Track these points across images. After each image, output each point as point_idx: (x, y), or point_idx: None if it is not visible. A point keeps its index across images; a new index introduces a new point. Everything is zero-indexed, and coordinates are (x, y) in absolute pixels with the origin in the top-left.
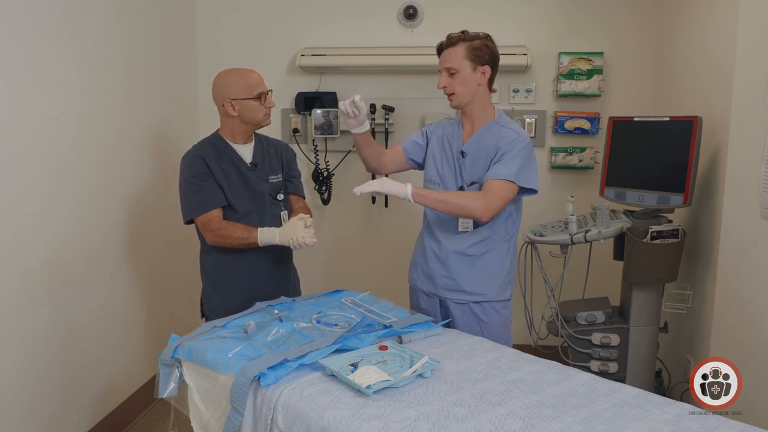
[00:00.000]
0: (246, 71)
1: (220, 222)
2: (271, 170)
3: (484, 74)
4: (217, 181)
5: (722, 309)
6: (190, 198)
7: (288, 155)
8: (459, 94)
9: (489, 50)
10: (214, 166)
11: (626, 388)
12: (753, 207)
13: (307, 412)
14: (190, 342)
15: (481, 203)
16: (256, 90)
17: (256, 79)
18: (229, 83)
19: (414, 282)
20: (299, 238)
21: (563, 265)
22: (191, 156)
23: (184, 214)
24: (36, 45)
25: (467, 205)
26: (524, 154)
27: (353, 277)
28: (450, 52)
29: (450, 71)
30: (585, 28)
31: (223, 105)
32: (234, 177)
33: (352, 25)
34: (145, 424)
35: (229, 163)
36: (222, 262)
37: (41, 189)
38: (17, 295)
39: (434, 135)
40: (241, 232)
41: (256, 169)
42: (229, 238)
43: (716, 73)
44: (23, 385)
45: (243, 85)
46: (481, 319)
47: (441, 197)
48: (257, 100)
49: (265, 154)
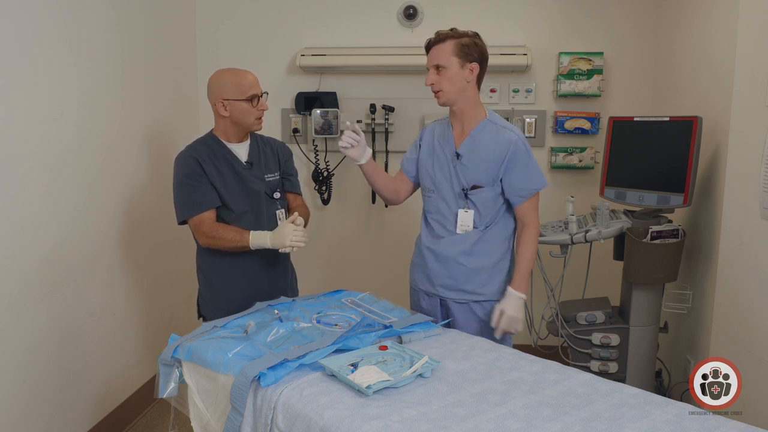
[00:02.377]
0: (241, 72)
1: (212, 224)
2: (267, 169)
3: (472, 71)
4: (211, 181)
5: (722, 309)
6: (183, 199)
7: (284, 153)
8: (446, 91)
9: (477, 48)
10: (207, 166)
11: (626, 388)
12: (753, 207)
13: (307, 412)
14: (190, 342)
15: (536, 229)
16: (249, 92)
17: (251, 81)
18: (223, 83)
19: (414, 282)
20: (287, 242)
21: (563, 265)
22: (184, 156)
23: (177, 215)
24: (36, 46)
25: (535, 245)
26: (529, 156)
27: (353, 277)
28: (438, 49)
29: (438, 68)
30: (585, 28)
31: (215, 104)
32: (229, 176)
33: (352, 25)
34: (145, 424)
35: (224, 162)
36: (218, 263)
37: (41, 189)
38: (17, 294)
39: (425, 140)
40: (233, 234)
41: (252, 168)
42: (221, 240)
43: (716, 73)
44: (23, 385)
45: (236, 86)
46: (481, 319)
47: (529, 265)
48: (249, 102)
49: (260, 152)
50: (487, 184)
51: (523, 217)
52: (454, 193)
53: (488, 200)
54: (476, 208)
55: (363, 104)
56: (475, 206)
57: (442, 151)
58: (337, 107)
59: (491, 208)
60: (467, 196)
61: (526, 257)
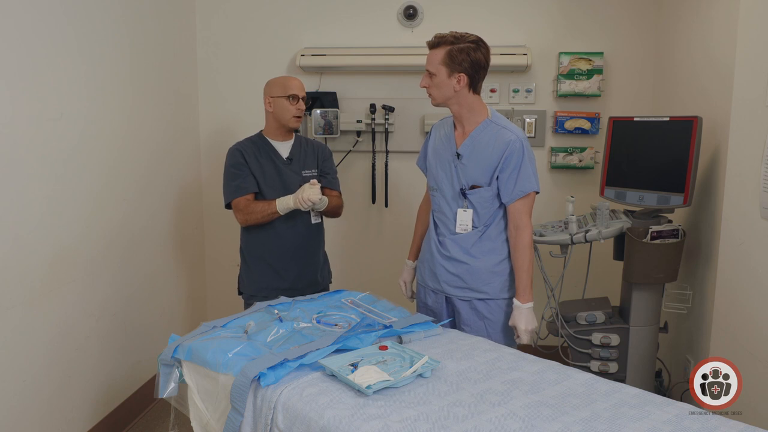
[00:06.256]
0: (289, 77)
1: (247, 202)
2: (306, 165)
3: (459, 81)
4: (252, 171)
5: (722, 309)
6: (228, 184)
7: (323, 153)
8: (435, 96)
9: (469, 58)
10: (250, 158)
11: (626, 388)
12: (753, 207)
13: (307, 412)
14: (190, 342)
15: (528, 234)
16: (290, 91)
17: (294, 84)
18: (272, 83)
19: (422, 278)
20: (304, 195)
21: (563, 265)
22: (232, 149)
23: (224, 198)
24: (38, 46)
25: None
26: (527, 158)
27: (353, 277)
28: (431, 54)
29: (429, 72)
30: (585, 28)
31: (265, 102)
32: (269, 169)
33: (352, 25)
34: (145, 424)
35: (266, 157)
36: (251, 242)
37: (43, 190)
38: (18, 294)
39: (432, 140)
40: (263, 205)
41: (291, 164)
42: (254, 213)
43: (716, 73)
44: (23, 385)
45: (281, 86)
46: (485, 316)
47: (528, 274)
48: (288, 99)
49: (302, 151)
50: (485, 184)
51: (515, 219)
52: (454, 192)
53: (486, 200)
54: (474, 208)
55: (363, 104)
56: (473, 206)
57: (444, 151)
58: (337, 107)
59: (489, 208)
60: (466, 196)
61: (523, 268)
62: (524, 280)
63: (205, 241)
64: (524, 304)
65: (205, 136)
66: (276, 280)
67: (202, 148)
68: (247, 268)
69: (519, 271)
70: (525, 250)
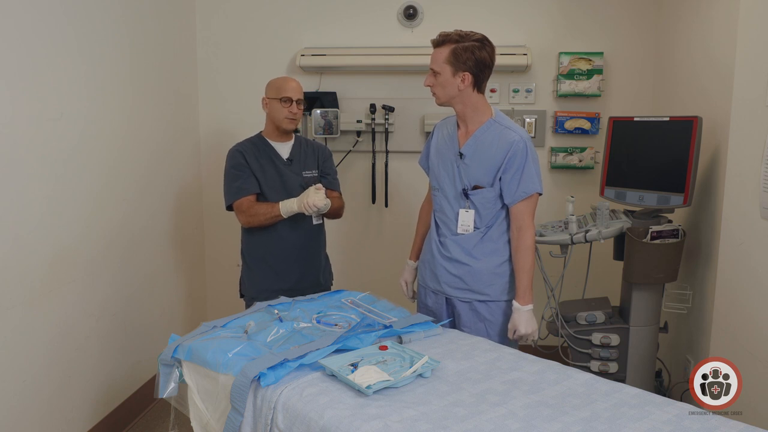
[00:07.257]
0: (287, 79)
1: (250, 204)
2: (306, 166)
3: (464, 80)
4: (253, 172)
5: (722, 309)
6: (229, 186)
7: (324, 154)
8: (439, 95)
9: (473, 57)
10: (251, 159)
11: (626, 388)
12: (753, 207)
13: (307, 412)
14: (190, 342)
15: (530, 236)
16: (282, 93)
17: (289, 86)
18: (270, 84)
19: (423, 279)
20: (309, 201)
21: (563, 265)
22: (232, 151)
23: (225, 200)
24: (38, 46)
25: (531, 250)
26: (531, 159)
27: (353, 278)
28: (436, 53)
29: (433, 71)
30: (585, 28)
31: (262, 102)
32: (269, 170)
33: (352, 25)
34: (145, 424)
35: (266, 157)
36: (252, 243)
37: (43, 190)
38: (18, 294)
39: (434, 139)
40: (265, 207)
41: (291, 164)
42: (257, 215)
43: (716, 73)
44: (23, 385)
45: (276, 88)
46: (485, 318)
47: (529, 276)
48: (281, 102)
49: (302, 151)
50: (488, 185)
51: (518, 220)
52: (456, 192)
53: (488, 201)
54: (476, 209)
55: (363, 104)
56: (475, 206)
57: (447, 151)
58: (337, 107)
59: (491, 209)
60: (468, 196)
61: (525, 269)
62: (525, 282)
63: (205, 241)
64: (524, 306)
65: (204, 137)
66: (278, 282)
67: (201, 149)
68: (248, 270)
69: (520, 273)
70: (527, 252)
